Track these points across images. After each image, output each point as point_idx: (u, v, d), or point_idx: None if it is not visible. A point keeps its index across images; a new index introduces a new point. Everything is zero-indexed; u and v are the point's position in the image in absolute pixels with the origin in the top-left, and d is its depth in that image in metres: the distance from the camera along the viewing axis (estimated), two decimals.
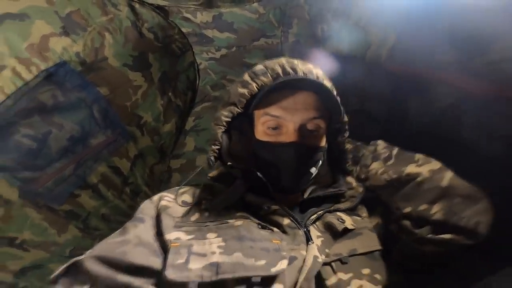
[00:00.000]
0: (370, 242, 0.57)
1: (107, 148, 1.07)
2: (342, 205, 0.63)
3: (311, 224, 0.57)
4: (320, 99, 0.60)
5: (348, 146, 0.68)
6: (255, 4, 1.09)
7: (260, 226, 0.55)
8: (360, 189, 0.65)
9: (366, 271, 0.53)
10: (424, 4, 0.70)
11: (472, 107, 0.61)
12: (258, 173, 0.59)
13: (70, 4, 0.86)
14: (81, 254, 0.51)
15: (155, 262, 0.49)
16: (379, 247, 0.57)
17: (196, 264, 0.47)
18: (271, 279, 0.47)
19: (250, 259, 0.48)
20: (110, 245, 0.49)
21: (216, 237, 0.51)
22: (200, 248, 0.50)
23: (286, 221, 0.56)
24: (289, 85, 0.58)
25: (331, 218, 0.59)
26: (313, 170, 0.61)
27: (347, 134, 0.66)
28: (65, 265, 0.47)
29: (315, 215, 0.59)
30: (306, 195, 0.64)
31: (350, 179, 0.67)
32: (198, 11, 1.07)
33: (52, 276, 0.46)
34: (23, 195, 0.91)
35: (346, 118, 0.64)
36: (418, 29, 0.72)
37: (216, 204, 0.58)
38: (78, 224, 1.07)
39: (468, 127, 0.62)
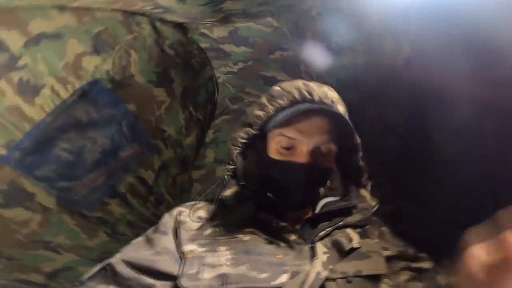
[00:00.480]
0: (377, 265, 0.58)
1: (134, 160, 1.14)
2: (352, 219, 0.64)
3: (319, 240, 0.60)
4: (333, 123, 0.63)
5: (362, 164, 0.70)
6: (269, 19, 1.12)
7: (267, 241, 0.59)
8: (373, 203, 0.66)
9: None
10: (438, 15, 0.70)
11: (491, 119, 0.60)
12: (269, 194, 0.63)
13: (99, 23, 0.91)
14: (107, 258, 0.56)
15: (176, 270, 0.54)
16: (383, 271, 0.58)
17: (206, 275, 0.52)
18: None
19: (254, 272, 0.52)
20: (141, 255, 0.56)
21: (226, 250, 0.56)
22: (211, 259, 0.55)
23: (293, 237, 0.59)
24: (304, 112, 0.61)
25: (339, 236, 0.60)
26: (322, 190, 0.65)
27: (361, 153, 0.69)
28: (98, 267, 0.53)
29: (323, 232, 0.60)
30: (318, 209, 0.66)
31: (364, 192, 0.68)
32: (215, 26, 1.12)
33: (85, 277, 0.51)
34: (60, 202, 0.99)
35: (359, 140, 0.67)
36: (433, 40, 0.72)
37: (228, 222, 0.62)
38: (106, 229, 1.14)
39: (487, 139, 0.61)
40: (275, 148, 0.63)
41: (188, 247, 0.57)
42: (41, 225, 0.95)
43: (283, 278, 0.52)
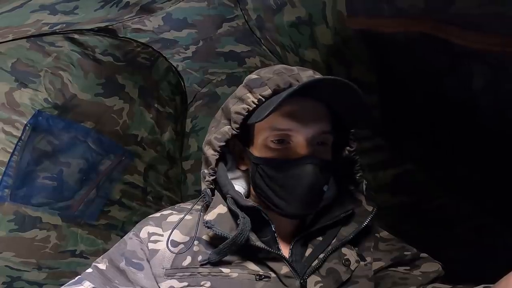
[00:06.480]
0: None
1: (116, 169, 1.15)
2: (347, 230, 0.53)
3: (313, 272, 0.50)
4: (329, 107, 0.51)
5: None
6: None
7: (257, 278, 0.49)
8: (370, 208, 0.54)
9: None
10: None
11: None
12: (264, 213, 0.50)
13: (7, 57, 0.84)
14: None
15: None
16: None
17: None
18: None
19: None
20: None
21: (209, 287, 0.48)
22: None
23: (284, 270, 0.50)
24: (297, 94, 0.47)
25: (335, 263, 0.51)
26: (325, 188, 0.52)
27: (355, 144, 0.56)
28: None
29: (316, 262, 0.50)
30: (308, 219, 0.55)
31: (358, 194, 0.56)
32: (145, 19, 0.97)
33: None
34: (65, 219, 1.06)
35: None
36: None
37: (218, 252, 0.49)
38: (117, 232, 1.21)
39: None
40: (263, 144, 0.50)
41: (165, 284, 0.49)
42: (59, 239, 1.04)
43: None
